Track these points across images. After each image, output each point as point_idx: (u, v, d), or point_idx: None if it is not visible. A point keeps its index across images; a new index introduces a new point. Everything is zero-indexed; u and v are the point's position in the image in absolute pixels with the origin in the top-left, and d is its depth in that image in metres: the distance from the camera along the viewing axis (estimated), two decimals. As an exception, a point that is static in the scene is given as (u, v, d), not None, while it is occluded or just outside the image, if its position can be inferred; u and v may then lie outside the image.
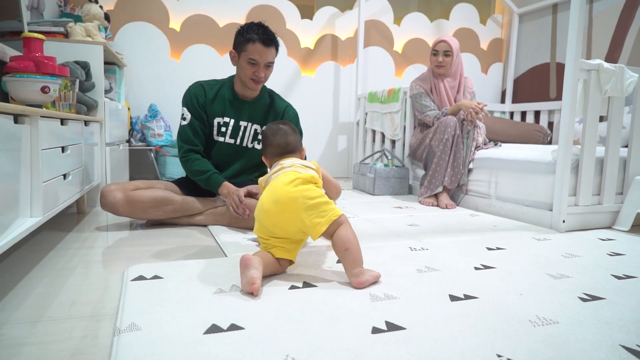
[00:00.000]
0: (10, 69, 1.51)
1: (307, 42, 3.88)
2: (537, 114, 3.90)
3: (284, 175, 1.28)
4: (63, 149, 1.60)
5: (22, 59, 1.54)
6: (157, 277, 1.23)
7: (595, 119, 2.00)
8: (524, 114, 4.02)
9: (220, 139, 1.97)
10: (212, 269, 1.31)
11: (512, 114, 4.14)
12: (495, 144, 2.76)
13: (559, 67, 3.78)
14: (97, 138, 2.27)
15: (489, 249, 1.62)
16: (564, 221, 1.97)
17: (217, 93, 1.95)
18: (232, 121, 1.96)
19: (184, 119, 1.92)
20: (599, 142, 2.41)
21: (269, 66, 1.86)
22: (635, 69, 2.08)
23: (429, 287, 1.19)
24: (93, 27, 2.38)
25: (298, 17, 3.82)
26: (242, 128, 1.97)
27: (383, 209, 2.45)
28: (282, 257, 1.28)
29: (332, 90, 3.99)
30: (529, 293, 1.17)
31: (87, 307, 1.06)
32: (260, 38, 1.78)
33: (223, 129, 1.96)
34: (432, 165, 2.60)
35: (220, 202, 1.97)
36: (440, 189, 2.59)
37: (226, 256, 1.48)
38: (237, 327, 0.93)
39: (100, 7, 2.56)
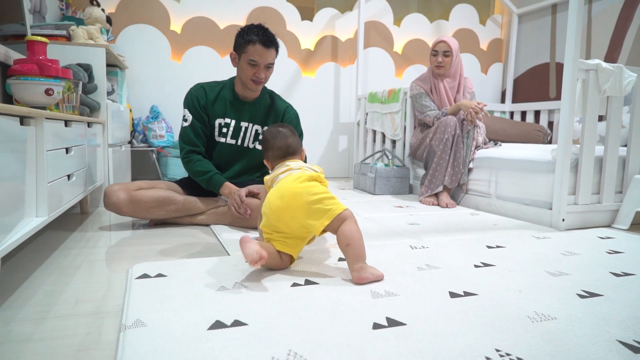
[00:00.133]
0: (15, 72, 1.53)
1: (307, 43, 3.90)
2: (537, 113, 3.91)
3: (295, 173, 1.32)
4: (67, 150, 1.62)
5: (26, 62, 1.56)
6: (161, 275, 1.25)
7: (594, 119, 2.02)
8: (524, 113, 4.04)
9: (222, 140, 1.99)
10: (215, 267, 1.32)
11: (512, 113, 4.15)
12: (496, 143, 2.77)
13: (559, 67, 3.79)
14: (100, 139, 2.29)
15: (489, 247, 1.63)
16: (563, 220, 1.98)
17: (218, 94, 1.97)
18: (233, 122, 1.97)
19: (185, 120, 1.94)
20: (599, 142, 2.42)
21: (269, 67, 1.88)
22: (634, 69, 2.09)
23: (429, 285, 1.21)
24: (95, 30, 2.40)
25: (298, 18, 3.84)
26: (243, 129, 1.99)
27: (384, 208, 2.47)
28: (282, 250, 1.29)
29: (332, 91, 4.01)
30: (528, 290, 1.18)
31: (91, 305, 1.08)
32: (260, 39, 1.80)
33: (224, 130, 1.97)
34: (433, 165, 2.61)
35: (222, 202, 1.99)
36: (440, 189, 2.61)
37: (229, 255, 1.49)
38: (240, 323, 0.94)
39: (102, 10, 2.58)
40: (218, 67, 3.57)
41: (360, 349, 0.84)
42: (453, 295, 1.13)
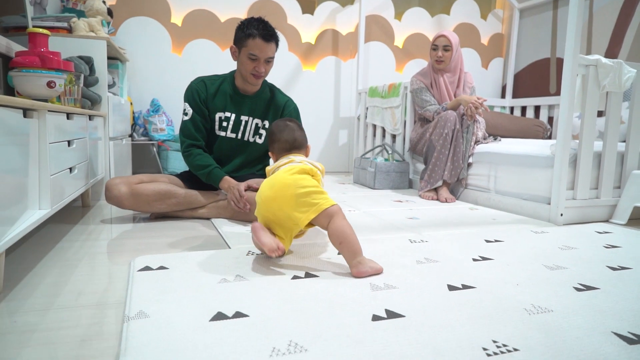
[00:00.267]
0: (16, 64, 1.53)
1: (308, 37, 3.89)
2: (537, 109, 3.91)
3: (289, 166, 1.33)
4: (69, 143, 1.63)
5: (28, 54, 1.56)
6: (162, 267, 1.26)
7: (593, 114, 2.03)
8: (524, 109, 4.04)
9: (222, 134, 1.99)
10: (216, 260, 1.34)
11: (512, 109, 4.15)
12: (495, 138, 2.78)
13: (559, 63, 3.79)
14: (101, 132, 2.30)
15: (488, 241, 1.65)
16: (561, 214, 1.99)
17: (219, 88, 1.97)
18: (233, 116, 1.98)
19: (185, 114, 1.94)
20: (598, 137, 2.43)
21: (269, 61, 1.88)
22: (634, 65, 2.10)
23: (428, 278, 1.22)
24: (96, 22, 2.40)
25: (299, 12, 3.83)
26: (243, 122, 2.00)
27: (383, 203, 2.48)
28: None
29: (333, 85, 4.01)
30: (526, 283, 1.19)
31: (93, 296, 1.10)
32: (260, 33, 1.80)
33: (224, 124, 1.98)
34: (432, 160, 2.62)
35: (222, 195, 2.00)
36: (440, 183, 2.62)
37: (229, 248, 1.51)
38: (241, 315, 0.96)
39: (104, 2, 2.58)
40: (219, 60, 3.56)
41: (359, 339, 0.86)
42: (451, 288, 1.15)
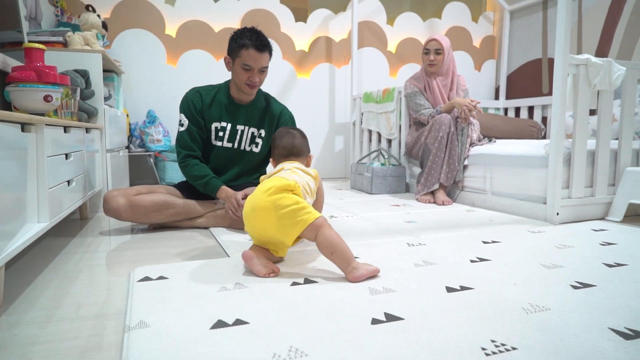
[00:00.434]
0: (13, 79, 1.55)
1: (301, 44, 3.92)
2: (530, 109, 3.94)
3: (269, 181, 1.32)
4: (67, 156, 1.64)
5: (24, 69, 1.57)
6: (162, 277, 1.26)
7: (585, 113, 2.05)
8: (517, 109, 4.07)
9: (218, 144, 2.00)
10: (216, 269, 1.34)
11: (506, 110, 4.18)
12: (490, 140, 2.80)
13: (551, 63, 3.82)
14: (98, 145, 2.31)
15: (485, 242, 1.66)
16: (557, 214, 2.01)
17: (214, 98, 1.99)
18: (229, 125, 1.99)
19: (181, 125, 1.96)
20: (592, 135, 2.45)
21: (263, 71, 1.90)
22: (623, 63, 2.12)
23: (426, 280, 1.23)
24: (91, 36, 2.42)
25: (292, 20, 3.87)
26: (239, 132, 2.01)
27: (381, 207, 2.49)
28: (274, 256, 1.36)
29: (327, 92, 4.03)
30: (523, 283, 1.21)
31: (93, 308, 1.10)
32: (253, 44, 1.82)
33: (220, 134, 1.99)
34: (428, 163, 2.64)
35: (220, 204, 2.01)
36: (436, 186, 2.63)
37: (228, 256, 1.51)
38: (242, 322, 0.96)
39: (98, 15, 2.60)
40: (213, 70, 3.58)
41: (359, 343, 0.87)
42: (450, 289, 1.16)
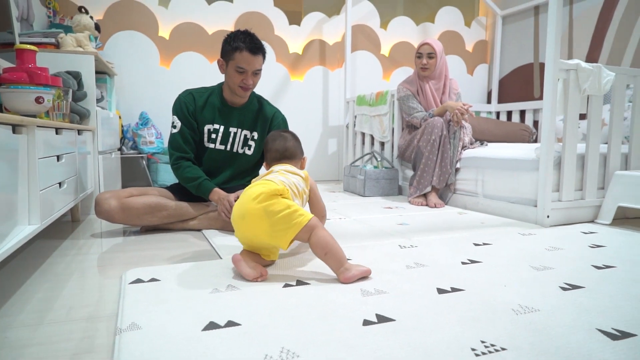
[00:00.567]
0: (4, 81, 1.54)
1: (295, 47, 3.93)
2: (522, 113, 3.98)
3: (257, 186, 1.30)
4: (58, 158, 1.63)
5: (16, 71, 1.56)
6: (154, 279, 1.26)
7: (575, 117, 2.07)
8: (509, 113, 4.11)
9: (211, 146, 2.00)
10: (208, 271, 1.34)
11: (498, 113, 4.22)
12: (482, 143, 2.82)
13: (542, 67, 3.86)
14: (90, 147, 2.30)
15: (476, 244, 1.67)
16: (548, 216, 2.03)
17: (207, 100, 1.99)
18: (221, 128, 1.99)
19: (174, 127, 1.95)
20: (582, 139, 2.48)
21: (256, 73, 1.90)
22: (613, 68, 2.15)
23: (418, 282, 1.24)
24: (84, 37, 2.41)
25: (286, 23, 3.88)
26: (232, 134, 2.01)
27: (373, 210, 2.50)
28: (265, 260, 1.36)
29: (321, 95, 4.05)
30: (513, 284, 1.22)
31: (85, 310, 1.10)
32: (247, 46, 1.82)
33: (213, 136, 1.99)
34: (421, 166, 2.65)
35: (213, 206, 2.01)
36: (429, 189, 2.65)
37: (221, 258, 1.51)
38: (234, 324, 0.97)
39: (91, 17, 2.59)
40: (207, 72, 3.58)
41: (351, 344, 0.87)
42: (441, 291, 1.17)
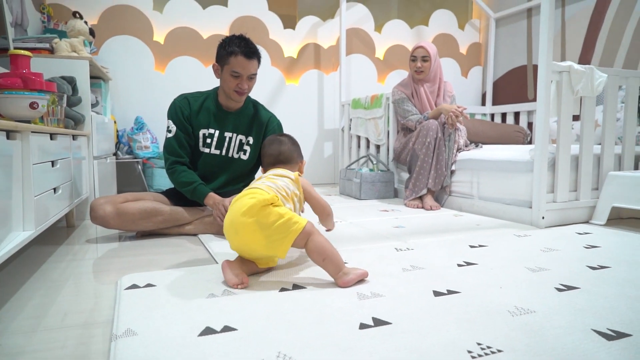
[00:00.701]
0: (-2, 86, 1.53)
1: (290, 51, 3.94)
2: (516, 115, 4.00)
3: (245, 198, 1.25)
4: (53, 164, 1.63)
5: (10, 76, 1.56)
6: (150, 285, 1.26)
7: (569, 118, 2.09)
8: (504, 115, 4.13)
9: (206, 150, 2.00)
10: (204, 276, 1.34)
11: (492, 115, 4.24)
12: (477, 145, 2.84)
13: (536, 69, 3.89)
14: (85, 152, 2.29)
15: (472, 246, 1.68)
16: (543, 217, 2.04)
17: (202, 105, 1.99)
18: (217, 132, 1.99)
19: (169, 131, 1.95)
20: (576, 140, 2.49)
21: (252, 78, 1.90)
22: (605, 70, 2.17)
23: (414, 284, 1.24)
24: (78, 43, 2.41)
25: (281, 27, 3.88)
26: (227, 139, 2.01)
27: (369, 213, 2.50)
28: (261, 267, 1.35)
29: (316, 98, 4.05)
30: (509, 286, 1.22)
31: (80, 316, 1.09)
32: (242, 51, 1.82)
33: (208, 141, 1.99)
34: (416, 169, 2.66)
35: (208, 211, 2.00)
36: (424, 191, 2.65)
37: (217, 263, 1.51)
38: (230, 329, 0.96)
39: (85, 22, 2.59)
40: (202, 76, 3.58)
41: (347, 347, 0.87)
42: (437, 294, 1.17)
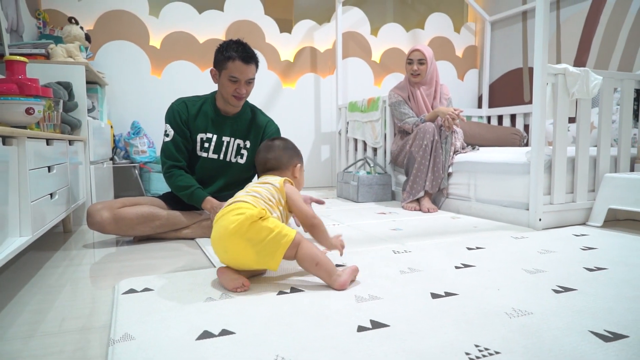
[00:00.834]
0: (-6, 92, 1.53)
1: (286, 55, 3.95)
2: (513, 117, 4.02)
3: (231, 215, 1.22)
4: (49, 169, 1.62)
5: (6, 82, 1.56)
6: (147, 289, 1.26)
7: (564, 121, 2.10)
8: (500, 117, 4.15)
9: (204, 155, 2.00)
10: (202, 279, 1.34)
11: (489, 118, 4.26)
12: (473, 148, 2.84)
13: (531, 72, 3.90)
14: (82, 157, 2.29)
15: (469, 248, 1.68)
16: (540, 219, 2.04)
17: (200, 109, 1.99)
18: (214, 137, 1.99)
19: (167, 135, 1.95)
20: (572, 142, 2.51)
21: (249, 82, 1.91)
22: (600, 72, 2.18)
23: (412, 287, 1.24)
24: (74, 48, 2.41)
25: (277, 31, 3.89)
26: (224, 143, 2.01)
27: (367, 215, 2.51)
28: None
29: (313, 102, 4.06)
30: (506, 288, 1.22)
31: (78, 321, 1.09)
32: (239, 56, 1.83)
33: (206, 145, 1.99)
34: (413, 171, 2.67)
35: (205, 215, 2.00)
36: (422, 194, 2.66)
37: (214, 267, 1.51)
38: (228, 332, 0.96)
39: (81, 27, 2.59)
40: (199, 81, 3.59)
41: (345, 350, 0.87)
42: (434, 296, 1.17)
